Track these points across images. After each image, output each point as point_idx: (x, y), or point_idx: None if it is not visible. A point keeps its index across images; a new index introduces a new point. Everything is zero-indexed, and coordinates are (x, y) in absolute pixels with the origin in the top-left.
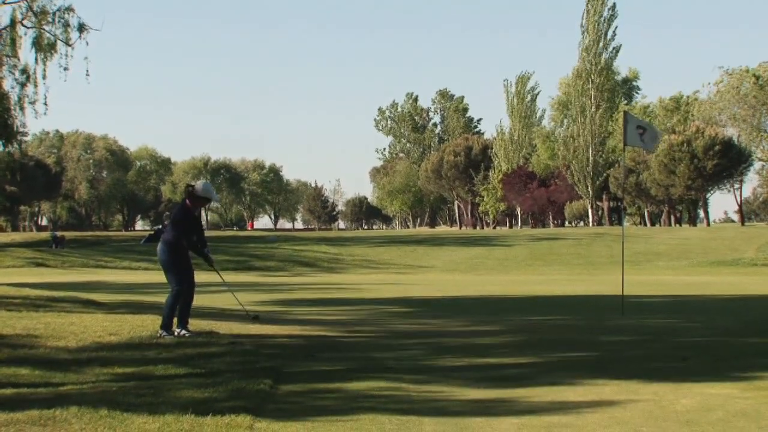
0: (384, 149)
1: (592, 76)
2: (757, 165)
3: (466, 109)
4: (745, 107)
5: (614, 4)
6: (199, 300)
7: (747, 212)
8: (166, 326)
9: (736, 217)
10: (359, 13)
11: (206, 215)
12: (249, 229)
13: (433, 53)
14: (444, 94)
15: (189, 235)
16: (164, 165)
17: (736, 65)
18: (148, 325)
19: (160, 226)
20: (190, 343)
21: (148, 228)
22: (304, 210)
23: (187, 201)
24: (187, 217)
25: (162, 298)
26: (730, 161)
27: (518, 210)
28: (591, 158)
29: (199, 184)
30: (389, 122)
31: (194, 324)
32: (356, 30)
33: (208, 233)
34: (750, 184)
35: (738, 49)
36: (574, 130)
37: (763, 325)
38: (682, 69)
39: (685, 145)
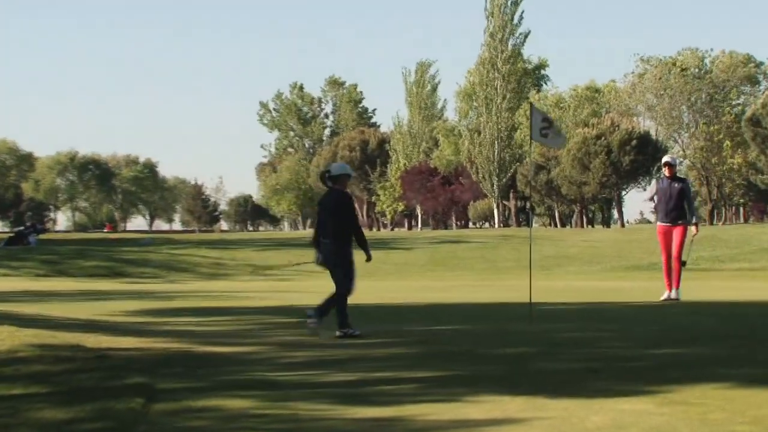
0: (270, 144)
1: (498, 64)
2: None
3: (360, 99)
4: (666, 98)
5: None
6: (64, 310)
7: None
8: (344, 324)
9: (652, 217)
10: None
11: (73, 215)
12: (106, 231)
13: (321, 36)
14: (334, 82)
15: (356, 222)
16: (25, 160)
17: (649, 53)
18: (5, 338)
19: (24, 228)
20: (53, 358)
21: (8, 230)
22: (183, 210)
23: (332, 185)
24: (352, 202)
25: (27, 308)
26: (646, 157)
27: (418, 210)
28: (497, 153)
29: (333, 165)
30: (274, 114)
31: (58, 336)
32: (234, 11)
33: (73, 235)
34: None
35: (651, 37)
36: (479, 122)
37: (680, 333)
38: (595, 57)
39: (600, 138)
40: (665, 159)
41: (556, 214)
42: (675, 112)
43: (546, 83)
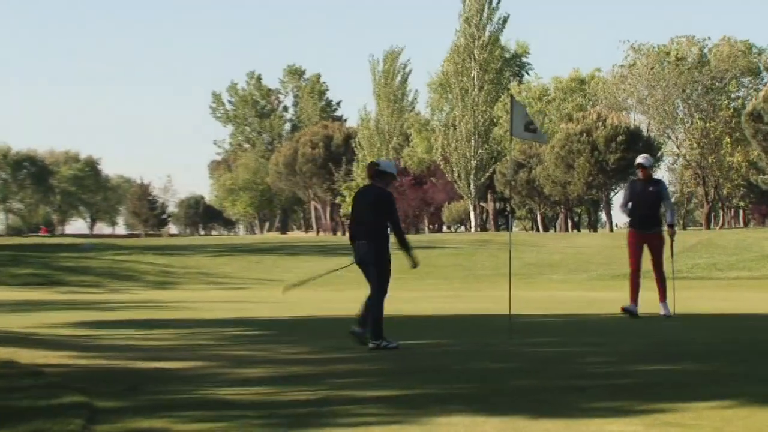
0: (224, 140)
1: (475, 51)
2: (669, 160)
3: (323, 91)
4: (659, 90)
5: None
6: None
7: None
8: (378, 335)
9: None
10: None
11: (6, 217)
12: (42, 235)
13: (280, 21)
14: (294, 72)
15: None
16: None
17: (641, 40)
18: None
19: None
20: None
21: None
22: (128, 212)
23: (376, 181)
24: (394, 200)
25: None
26: (636, 155)
27: None
28: (474, 150)
29: (383, 161)
30: (228, 107)
31: None
32: None
33: (5, 240)
34: None
35: (642, 23)
36: (453, 116)
37: (672, 348)
38: (581, 45)
39: (584, 135)
40: (638, 160)
41: (538, 217)
42: (668, 105)
43: (528, 73)
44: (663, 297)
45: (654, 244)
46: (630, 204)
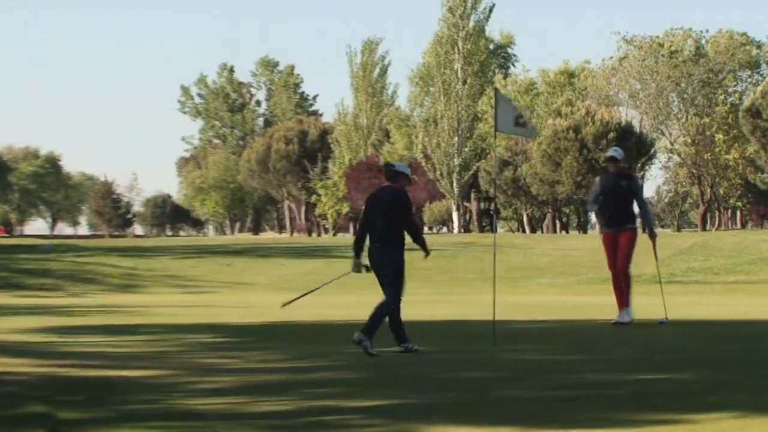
0: (193, 136)
1: (459, 42)
2: (663, 157)
3: (297, 84)
4: (651, 84)
5: None
6: None
7: None
8: (370, 333)
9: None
10: None
11: None
12: (0, 235)
13: (252, 10)
14: (267, 64)
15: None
16: None
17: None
18: None
19: None
20: None
21: None
22: (90, 212)
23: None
24: (411, 203)
25: None
26: (628, 153)
27: None
28: (457, 147)
29: (397, 163)
30: (198, 101)
31: None
32: None
33: None
34: (653, 181)
35: (635, 14)
36: (435, 111)
37: (665, 356)
38: (570, 36)
39: (572, 131)
40: (609, 153)
41: (525, 218)
42: (662, 99)
43: (514, 65)
44: (627, 302)
45: (623, 240)
46: (600, 199)
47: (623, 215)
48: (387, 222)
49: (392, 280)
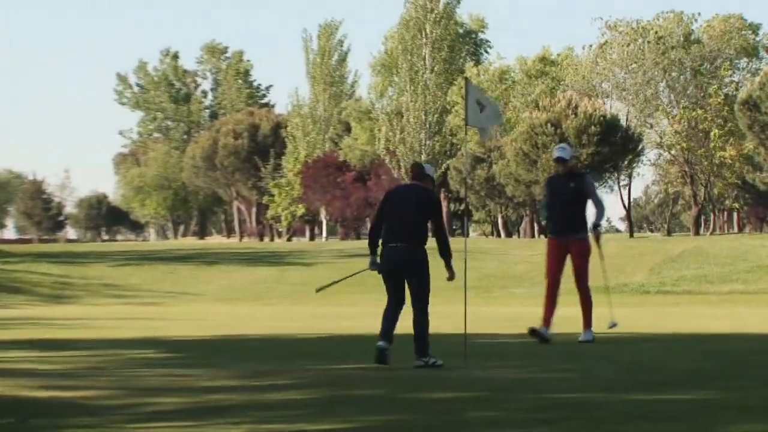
0: (131, 129)
1: (426, 26)
2: (652, 154)
3: (248, 72)
4: (638, 73)
5: None
6: None
7: (637, 219)
8: (425, 350)
9: (622, 225)
10: None
11: None
12: None
13: None
14: (214, 50)
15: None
16: None
17: (616, 17)
18: None
19: None
20: None
21: None
22: (18, 213)
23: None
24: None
25: None
26: (614, 148)
27: (323, 214)
28: (424, 143)
29: (425, 164)
30: (136, 91)
31: None
32: None
33: None
34: (641, 180)
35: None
36: (400, 103)
37: (653, 374)
38: (549, 21)
39: (549, 125)
40: (555, 153)
41: (500, 221)
42: (650, 89)
43: (487, 51)
44: (588, 322)
45: (576, 252)
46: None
47: (574, 221)
48: (413, 221)
49: (425, 286)
